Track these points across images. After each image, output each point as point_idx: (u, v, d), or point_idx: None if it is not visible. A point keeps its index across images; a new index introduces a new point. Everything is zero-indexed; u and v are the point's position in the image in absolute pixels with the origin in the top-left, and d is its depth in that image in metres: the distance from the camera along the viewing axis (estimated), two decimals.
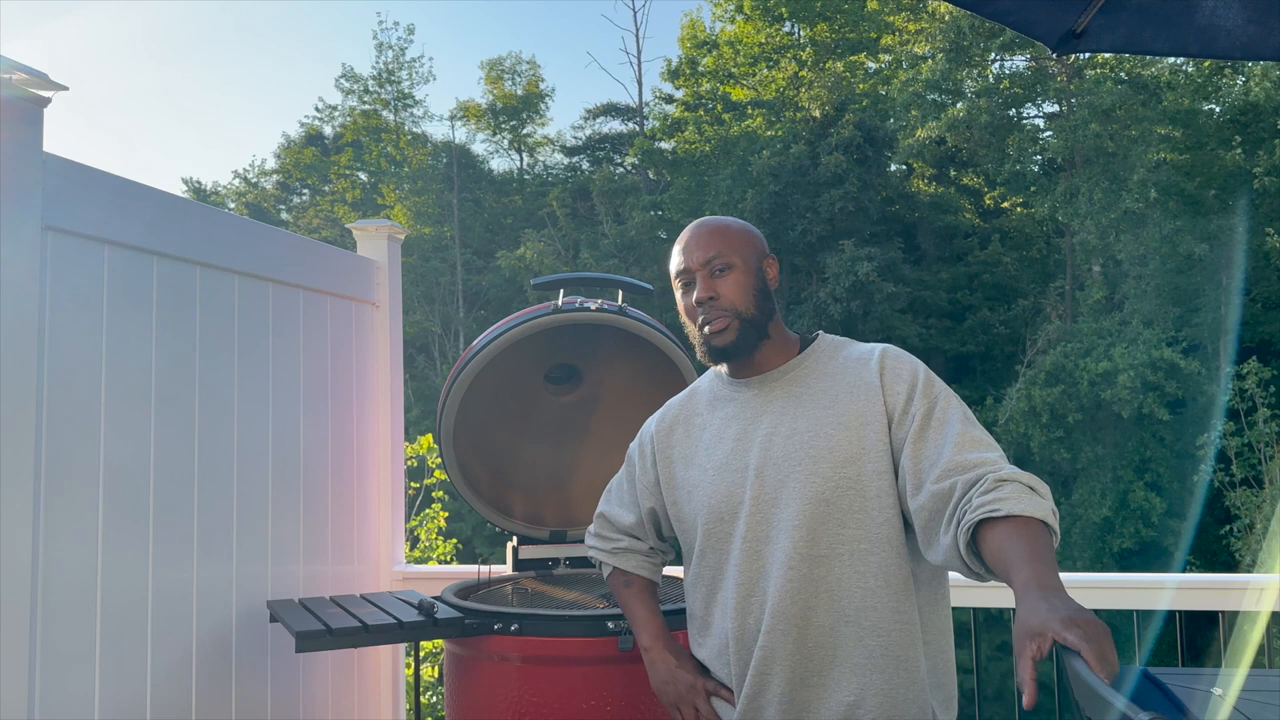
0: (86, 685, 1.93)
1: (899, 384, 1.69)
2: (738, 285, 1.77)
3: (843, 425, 1.68)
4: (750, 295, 1.77)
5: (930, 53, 23.29)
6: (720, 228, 1.82)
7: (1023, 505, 1.43)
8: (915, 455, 1.61)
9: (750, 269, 1.79)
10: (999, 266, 23.59)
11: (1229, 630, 2.58)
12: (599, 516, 2.03)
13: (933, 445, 1.61)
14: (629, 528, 1.97)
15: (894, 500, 1.65)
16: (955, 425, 1.62)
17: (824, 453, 1.67)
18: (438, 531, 8.62)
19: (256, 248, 2.50)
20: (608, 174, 27.99)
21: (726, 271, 1.77)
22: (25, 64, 1.78)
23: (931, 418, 1.64)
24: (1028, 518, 1.42)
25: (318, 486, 2.71)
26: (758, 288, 1.78)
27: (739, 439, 1.77)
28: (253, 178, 34.67)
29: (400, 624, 2.15)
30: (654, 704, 2.11)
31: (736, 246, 1.79)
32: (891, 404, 1.68)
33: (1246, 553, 15.83)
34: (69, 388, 1.91)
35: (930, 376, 1.70)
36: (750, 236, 1.83)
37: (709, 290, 1.76)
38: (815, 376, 1.77)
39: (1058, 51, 2.01)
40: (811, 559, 1.64)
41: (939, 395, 1.67)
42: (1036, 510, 1.43)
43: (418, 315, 25.53)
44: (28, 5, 36.28)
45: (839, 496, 1.65)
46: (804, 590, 1.64)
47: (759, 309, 1.78)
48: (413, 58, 31.46)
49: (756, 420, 1.76)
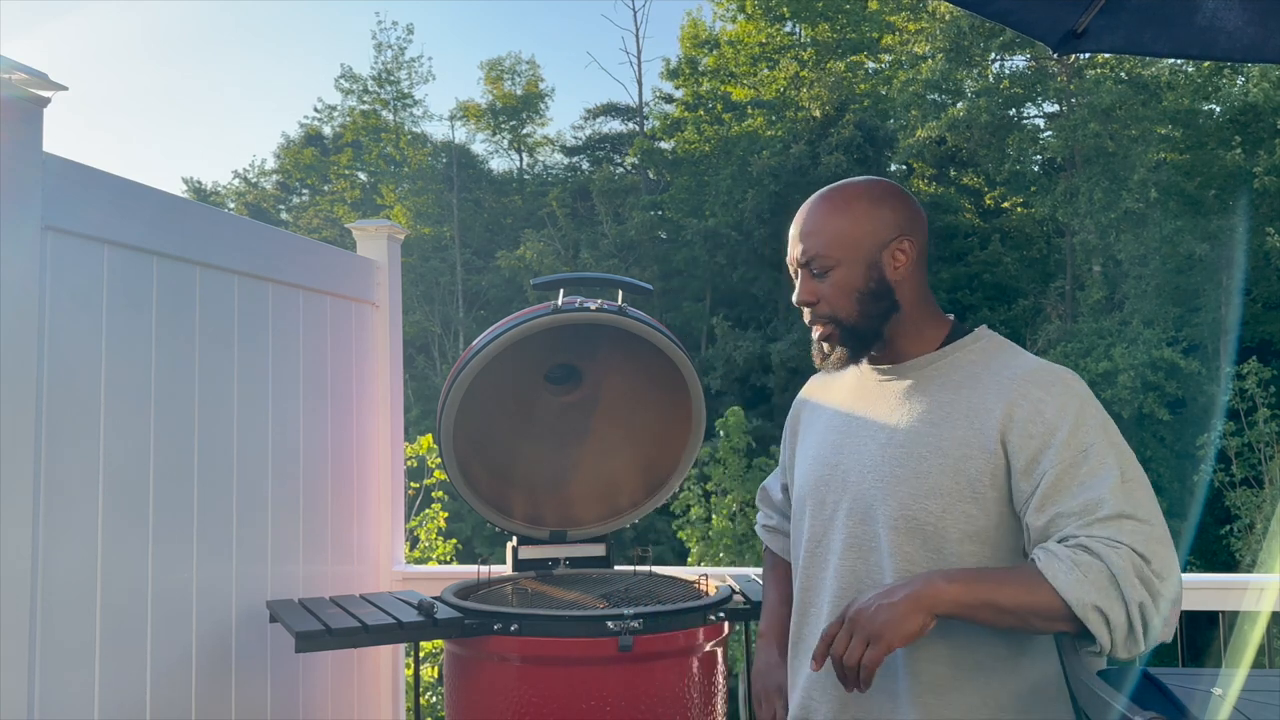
0: (86, 685, 1.93)
1: (1035, 424, 1.41)
2: (839, 289, 1.54)
3: (940, 451, 1.47)
4: (853, 300, 1.54)
5: (930, 53, 23.29)
6: (832, 211, 1.56)
7: (1057, 576, 1.29)
8: (1044, 512, 1.38)
9: (860, 265, 1.54)
10: (999, 266, 23.58)
11: (1229, 630, 2.57)
12: (760, 488, 1.95)
13: (1069, 506, 1.36)
14: (779, 504, 1.88)
15: (978, 547, 1.44)
16: (1103, 486, 1.35)
17: (909, 476, 1.47)
18: (438, 531, 8.63)
19: (256, 248, 2.50)
20: (608, 174, 27.98)
21: (829, 272, 1.54)
22: (25, 64, 1.78)
23: (1073, 473, 1.37)
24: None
25: (317, 486, 2.71)
26: (866, 289, 1.54)
27: (843, 430, 1.60)
28: (253, 178, 34.69)
29: (400, 624, 2.15)
30: (654, 704, 2.11)
31: (845, 239, 1.53)
32: (1017, 446, 1.41)
33: (1246, 553, 15.83)
34: (69, 388, 1.91)
35: (1082, 420, 1.40)
36: (874, 215, 1.55)
37: (807, 293, 1.57)
38: (945, 382, 1.53)
39: (1058, 52, 2.00)
40: (873, 585, 1.49)
41: (1090, 446, 1.38)
42: (1067, 590, 1.28)
43: (418, 315, 25.52)
44: (28, 5, 36.28)
45: (914, 529, 1.46)
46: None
47: (864, 314, 1.54)
48: (412, 58, 31.48)
49: (867, 414, 1.58)
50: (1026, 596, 1.32)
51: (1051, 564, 1.31)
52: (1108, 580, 1.28)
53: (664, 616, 2.12)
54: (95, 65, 45.58)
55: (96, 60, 47.03)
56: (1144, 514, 1.34)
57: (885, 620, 1.31)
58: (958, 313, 16.00)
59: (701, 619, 2.20)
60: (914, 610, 1.32)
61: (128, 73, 50.21)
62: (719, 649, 2.30)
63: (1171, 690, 1.35)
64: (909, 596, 1.33)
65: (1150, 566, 1.30)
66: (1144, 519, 1.33)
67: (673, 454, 2.73)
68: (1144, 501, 1.35)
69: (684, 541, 15.46)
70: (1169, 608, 1.31)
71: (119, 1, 41.67)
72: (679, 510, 15.79)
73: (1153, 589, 1.29)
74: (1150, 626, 1.29)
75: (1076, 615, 1.29)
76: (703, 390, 2.64)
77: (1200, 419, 17.97)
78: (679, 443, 2.71)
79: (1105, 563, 1.29)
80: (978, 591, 1.33)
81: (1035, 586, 1.31)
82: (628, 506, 2.77)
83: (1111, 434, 1.42)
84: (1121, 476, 1.36)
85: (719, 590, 2.36)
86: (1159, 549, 1.32)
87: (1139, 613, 1.29)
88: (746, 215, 22.82)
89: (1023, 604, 1.32)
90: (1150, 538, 1.32)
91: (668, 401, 2.66)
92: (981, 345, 1.57)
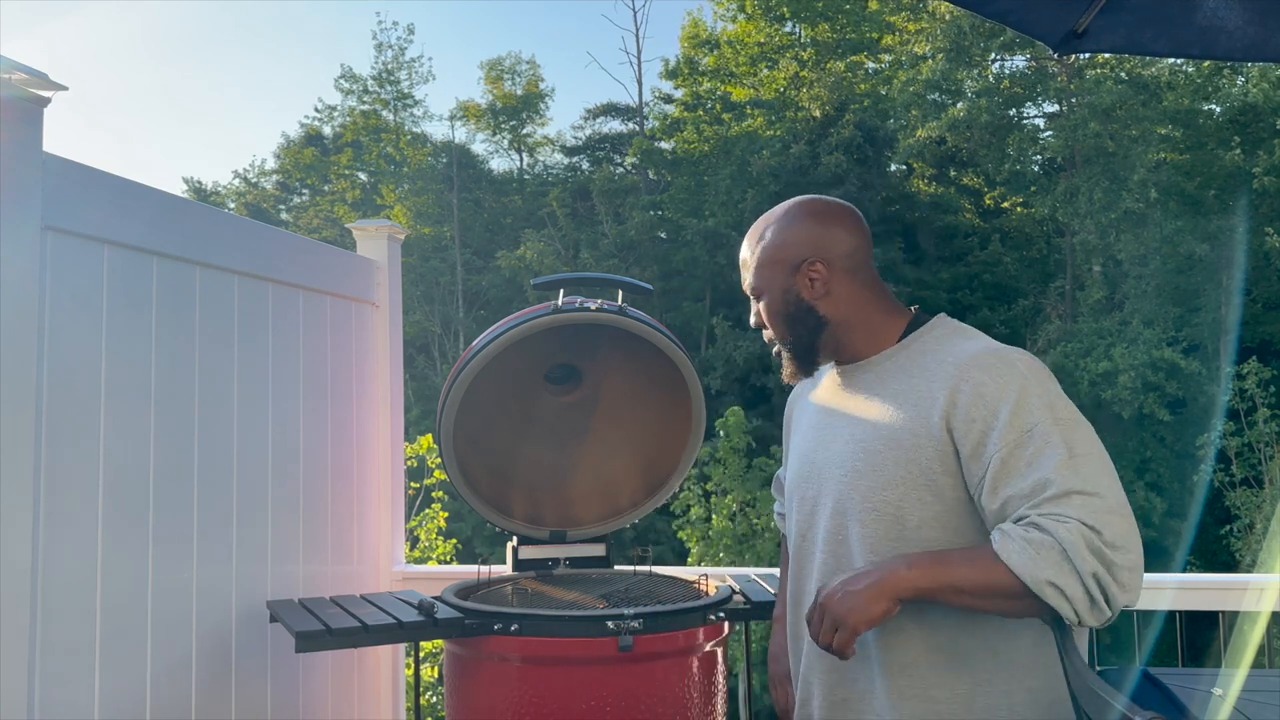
0: (86, 685, 1.93)
1: (976, 408, 1.44)
2: (771, 314, 1.67)
3: (893, 443, 1.52)
4: (782, 323, 1.66)
5: (930, 53, 23.30)
6: (749, 246, 1.70)
7: (1010, 555, 1.34)
8: (996, 496, 1.42)
9: (777, 291, 1.65)
10: (999, 266, 23.58)
11: (1229, 630, 2.57)
12: (774, 478, 2.03)
13: (1019, 488, 1.39)
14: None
15: (938, 533, 1.49)
16: (1049, 465, 1.38)
17: (867, 470, 1.54)
18: (438, 531, 8.64)
19: (256, 248, 2.50)
20: (608, 174, 27.97)
21: (761, 298, 1.68)
22: (25, 64, 1.78)
23: (1019, 455, 1.40)
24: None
25: (318, 486, 2.71)
26: (789, 313, 1.64)
27: (819, 427, 1.69)
28: (253, 178, 34.68)
29: (400, 624, 2.15)
30: (654, 704, 2.11)
31: (762, 269, 1.66)
32: (962, 431, 1.45)
33: (1246, 553, 15.83)
34: (69, 388, 1.91)
35: (1024, 400, 1.42)
36: (782, 243, 1.65)
37: (754, 318, 1.71)
38: (899, 374, 1.58)
39: (1058, 51, 2.01)
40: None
41: (1033, 426, 1.41)
42: (1021, 568, 1.33)
43: (418, 315, 25.52)
44: (28, 5, 36.29)
45: (875, 520, 1.53)
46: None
47: (794, 333, 1.65)
48: (412, 58, 31.46)
49: (835, 412, 1.66)
50: (983, 577, 1.37)
51: (1005, 544, 1.36)
52: (1059, 555, 1.32)
53: (664, 616, 2.12)
54: (95, 65, 45.59)
55: (96, 60, 47.04)
56: (1092, 487, 1.35)
57: (850, 607, 1.41)
58: (958, 313, 15.96)
59: (701, 619, 2.20)
60: (877, 597, 1.40)
61: (128, 73, 50.24)
62: (719, 649, 2.30)
63: (1171, 690, 1.35)
64: (871, 584, 1.41)
65: (1101, 537, 1.32)
66: (1092, 492, 1.35)
67: (673, 454, 2.73)
68: (1093, 475, 1.37)
69: (684, 541, 15.47)
70: (1127, 575, 1.33)
71: (119, 1, 41.69)
72: (679, 510, 15.80)
73: (1105, 559, 1.31)
74: (1110, 596, 1.32)
75: (1033, 591, 1.33)
76: (703, 390, 2.64)
77: (1200, 419, 17.98)
78: (679, 443, 2.71)
79: (1055, 538, 1.32)
80: (937, 575, 1.41)
81: (991, 567, 1.36)
82: (628, 506, 2.77)
83: (1060, 410, 1.43)
84: (1069, 453, 1.38)
85: (719, 590, 2.36)
86: (1111, 519, 1.34)
87: (1095, 583, 1.31)
88: (746, 215, 22.79)
89: (980, 584, 1.38)
90: (1101, 509, 1.34)
91: (668, 401, 2.66)
92: (936, 334, 1.61)
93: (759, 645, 12.75)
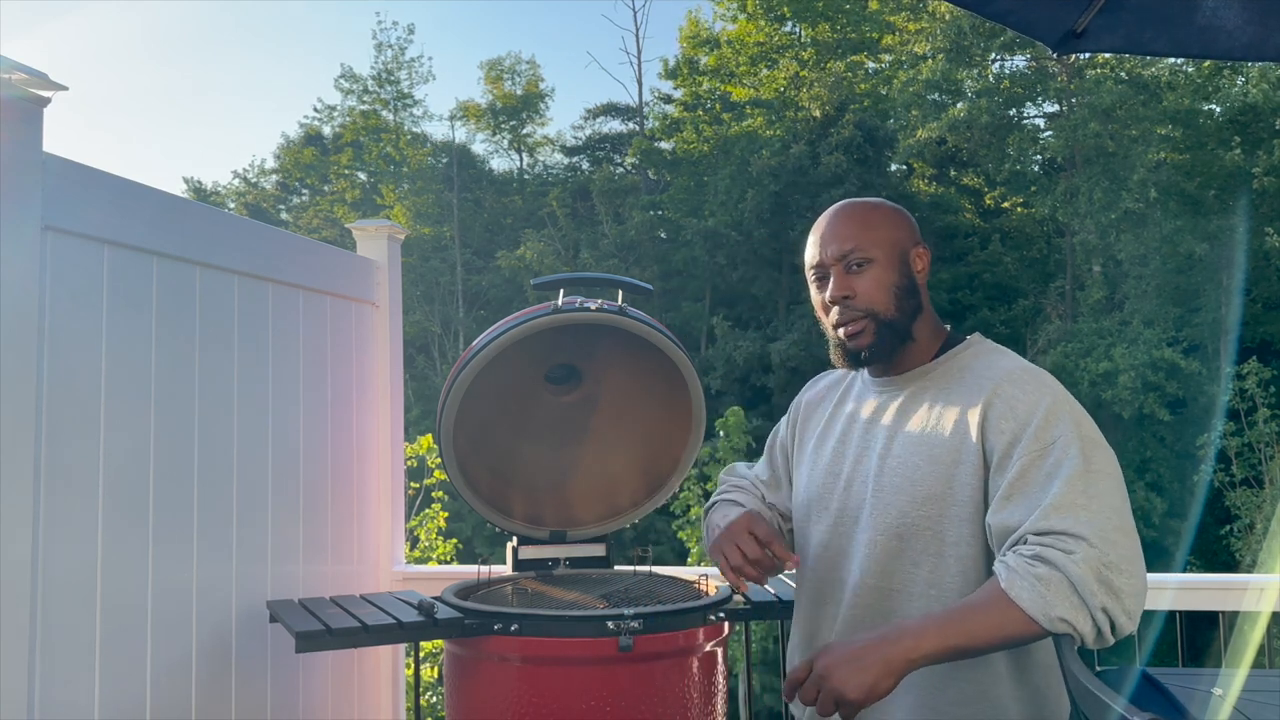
0: (86, 685, 1.93)
1: (1007, 421, 1.44)
2: (877, 282, 1.57)
3: (933, 459, 1.51)
4: (890, 294, 1.58)
5: (930, 53, 23.31)
6: (862, 214, 1.62)
7: (1021, 596, 1.32)
8: (1009, 501, 1.41)
9: (894, 262, 1.59)
10: (999, 266, 23.59)
11: (1229, 630, 2.57)
12: (726, 470, 1.99)
13: (1022, 505, 1.39)
14: (755, 476, 1.92)
15: (976, 549, 1.48)
16: (1059, 483, 1.36)
17: (906, 485, 1.53)
18: (438, 531, 8.64)
19: (256, 248, 2.50)
20: (607, 174, 27.99)
21: (865, 267, 1.58)
22: (25, 64, 1.78)
23: (1039, 465, 1.39)
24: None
25: (317, 486, 2.71)
26: (900, 285, 1.58)
27: (849, 442, 1.66)
28: (252, 178, 34.70)
29: (400, 624, 2.15)
30: (654, 704, 2.11)
31: (879, 237, 1.59)
32: (992, 443, 1.45)
33: (1246, 553, 15.84)
34: (69, 387, 1.91)
35: (1053, 415, 1.43)
36: (898, 222, 1.62)
37: (843, 288, 1.58)
38: (937, 391, 1.57)
39: (1058, 51, 2.01)
40: (881, 591, 1.56)
41: (1057, 439, 1.40)
42: (1032, 608, 1.31)
43: (418, 315, 25.53)
44: (28, 5, 36.30)
45: (914, 535, 1.52)
46: (869, 622, 1.55)
47: (900, 309, 1.58)
48: (412, 58, 31.48)
49: (871, 427, 1.63)
50: (998, 628, 1.34)
51: (1014, 582, 1.33)
52: (1068, 589, 1.31)
53: (664, 616, 2.12)
54: (95, 65, 45.64)
55: (96, 60, 47.09)
56: (1100, 505, 1.35)
57: (856, 684, 1.34)
58: (958, 313, 16.01)
59: (701, 619, 2.20)
60: (885, 675, 1.34)
61: (128, 73, 50.29)
62: (719, 649, 2.30)
63: (1171, 690, 1.35)
64: (880, 660, 1.35)
65: (1107, 558, 1.31)
66: (1100, 509, 1.34)
67: (673, 454, 2.73)
68: (1104, 493, 1.36)
69: (684, 541, 15.47)
70: (1132, 603, 1.33)
71: (119, 1, 41.69)
72: (679, 510, 15.80)
73: (1113, 587, 1.31)
74: (1118, 626, 1.33)
75: (1047, 630, 1.33)
76: (703, 390, 2.63)
77: (1200, 419, 17.99)
78: (679, 443, 2.71)
79: (1064, 573, 1.31)
80: (949, 637, 1.35)
81: (1004, 612, 1.34)
82: (628, 506, 2.77)
83: (1085, 428, 1.44)
84: (1085, 468, 1.37)
85: (719, 590, 2.36)
86: (1117, 538, 1.33)
87: (1105, 616, 1.32)
88: (746, 215, 22.82)
89: (995, 634, 1.35)
90: (1108, 528, 1.33)
91: (668, 402, 2.66)
92: (972, 351, 1.61)
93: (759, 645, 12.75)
